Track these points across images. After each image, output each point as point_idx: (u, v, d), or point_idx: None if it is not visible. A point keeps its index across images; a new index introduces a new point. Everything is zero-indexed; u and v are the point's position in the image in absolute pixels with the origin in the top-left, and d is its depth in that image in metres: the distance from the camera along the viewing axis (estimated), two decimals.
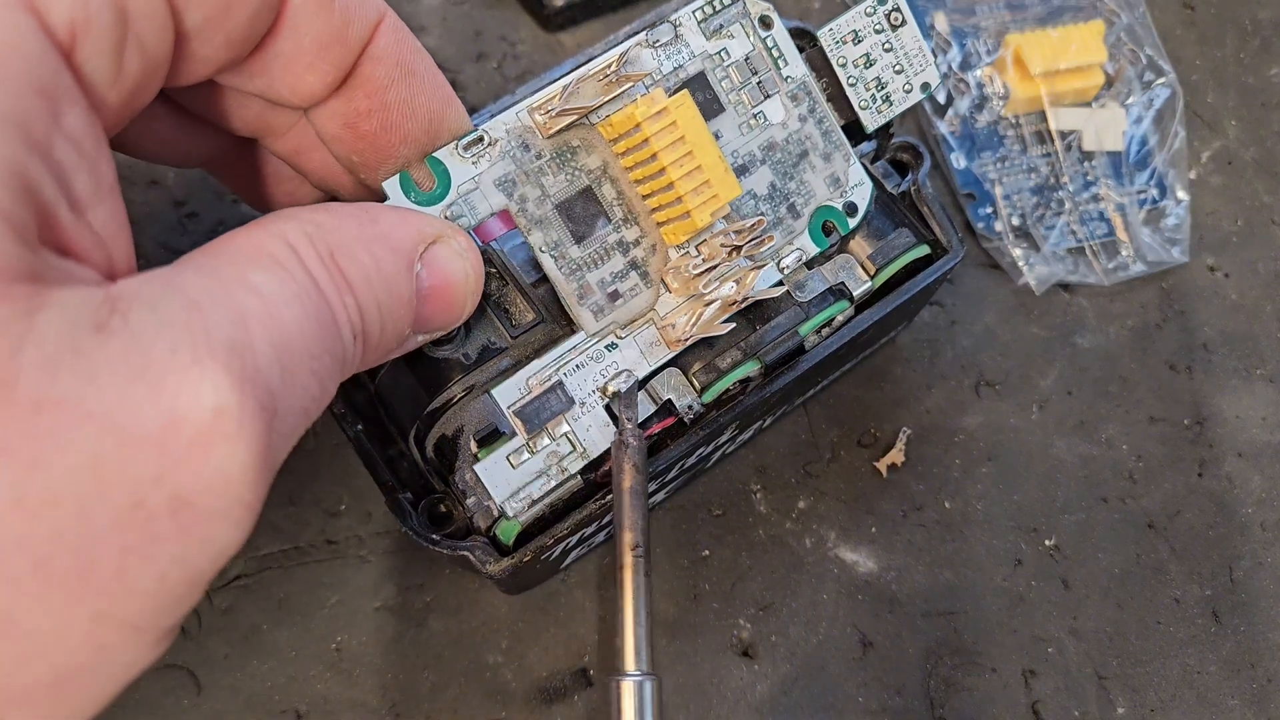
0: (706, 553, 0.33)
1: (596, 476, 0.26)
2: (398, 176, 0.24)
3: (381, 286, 0.21)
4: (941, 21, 0.40)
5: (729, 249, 0.26)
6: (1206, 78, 0.41)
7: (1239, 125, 0.40)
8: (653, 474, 0.27)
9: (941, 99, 0.39)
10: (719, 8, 0.28)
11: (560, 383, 0.25)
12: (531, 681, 0.31)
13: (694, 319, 0.26)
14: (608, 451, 0.26)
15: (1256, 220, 0.39)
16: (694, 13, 0.28)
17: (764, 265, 0.27)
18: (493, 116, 0.26)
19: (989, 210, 0.38)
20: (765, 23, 0.28)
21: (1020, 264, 0.37)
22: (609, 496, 0.26)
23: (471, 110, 0.27)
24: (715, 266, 0.26)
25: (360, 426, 0.27)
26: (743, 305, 0.27)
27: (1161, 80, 0.39)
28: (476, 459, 0.25)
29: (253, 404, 0.17)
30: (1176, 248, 0.38)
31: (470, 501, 0.26)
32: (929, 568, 0.33)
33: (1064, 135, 0.38)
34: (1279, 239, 0.39)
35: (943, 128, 0.39)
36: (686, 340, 0.26)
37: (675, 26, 0.27)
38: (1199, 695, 0.32)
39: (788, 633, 0.32)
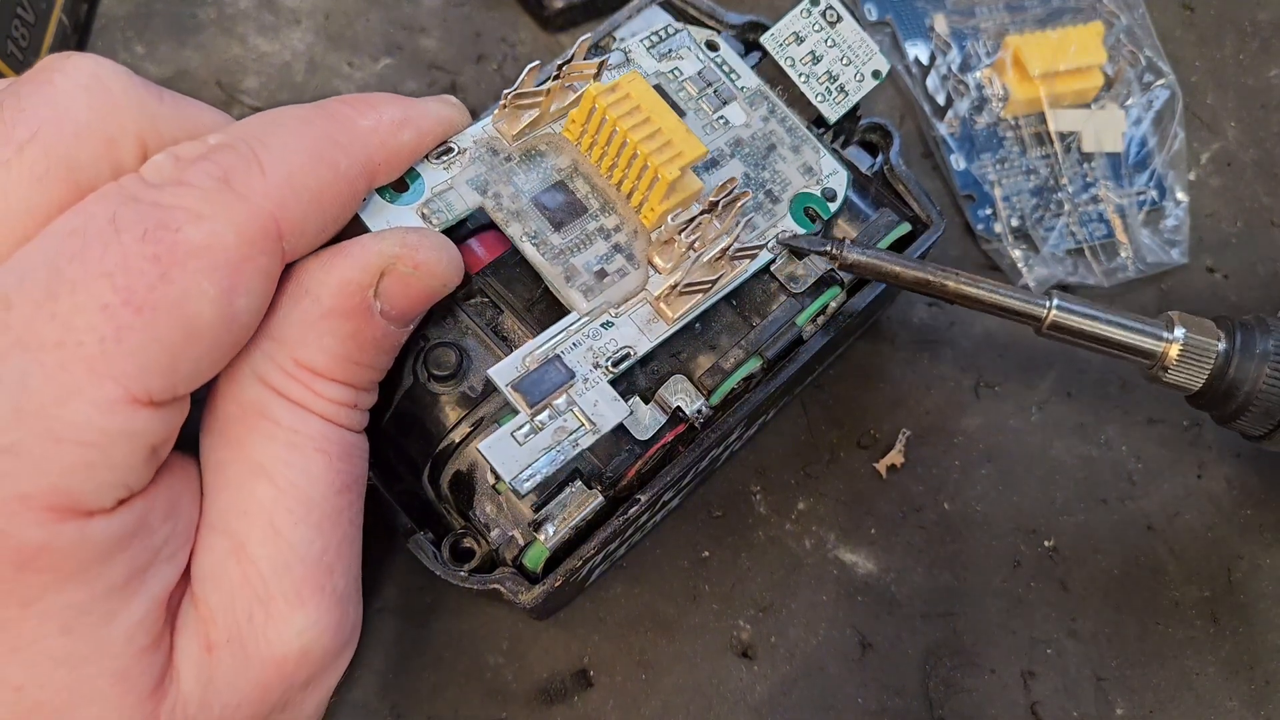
0: (706, 553, 0.33)
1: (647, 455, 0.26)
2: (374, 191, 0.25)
3: (357, 351, 0.23)
4: (941, 23, 0.40)
5: (707, 208, 0.26)
6: (1206, 79, 0.41)
7: (1238, 126, 0.40)
8: (671, 483, 0.27)
9: (941, 101, 0.39)
10: (664, 36, 0.29)
11: (558, 356, 0.25)
12: (532, 682, 0.31)
13: (686, 276, 0.26)
14: (625, 458, 0.25)
15: (1256, 221, 0.39)
16: (641, 41, 0.29)
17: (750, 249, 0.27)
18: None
19: (988, 212, 0.38)
20: (711, 46, 0.30)
21: (1020, 265, 0.37)
22: (631, 510, 0.26)
23: (473, 112, 0.27)
24: (698, 226, 0.26)
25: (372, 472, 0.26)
26: (730, 269, 0.27)
27: (1161, 81, 0.39)
28: (497, 491, 0.25)
29: (333, 619, 0.22)
30: (1176, 249, 0.38)
31: (494, 534, 0.25)
32: (928, 569, 0.33)
33: (1063, 137, 0.38)
34: (1279, 240, 0.39)
35: (942, 129, 0.39)
36: (680, 293, 0.26)
37: (626, 53, 0.28)
38: (1198, 696, 0.33)
39: (787, 634, 0.32)
